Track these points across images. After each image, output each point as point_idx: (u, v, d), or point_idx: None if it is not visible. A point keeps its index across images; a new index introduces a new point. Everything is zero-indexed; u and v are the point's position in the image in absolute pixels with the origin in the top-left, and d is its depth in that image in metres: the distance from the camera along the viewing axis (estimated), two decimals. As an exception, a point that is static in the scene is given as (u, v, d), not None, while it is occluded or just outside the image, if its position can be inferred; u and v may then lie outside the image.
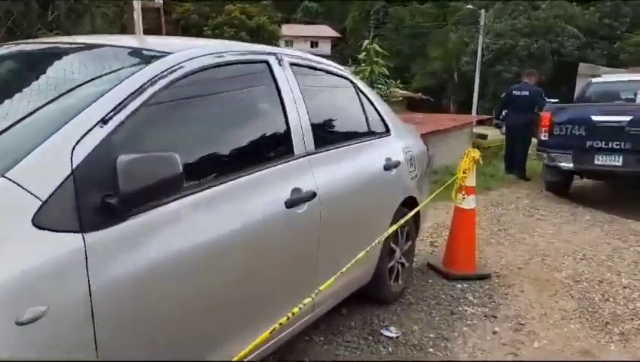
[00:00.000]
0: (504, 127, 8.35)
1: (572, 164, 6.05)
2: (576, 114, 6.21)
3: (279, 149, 2.08)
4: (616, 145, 5.73)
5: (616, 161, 5.79)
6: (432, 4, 45.70)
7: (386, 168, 2.78)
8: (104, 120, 1.40)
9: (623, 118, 5.71)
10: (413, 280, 3.47)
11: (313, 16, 52.21)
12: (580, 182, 7.23)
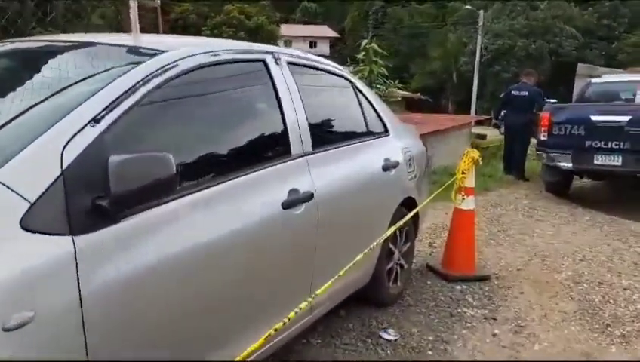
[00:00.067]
0: (503, 127, 8.33)
1: (571, 163, 6.04)
2: (576, 114, 6.20)
3: (276, 149, 2.04)
4: (616, 145, 5.71)
5: (616, 161, 5.78)
6: (430, 5, 45.75)
7: (385, 169, 2.75)
8: (96, 119, 1.36)
9: (622, 117, 5.69)
10: (412, 281, 3.44)
11: (312, 16, 52.22)
12: (579, 182, 7.21)
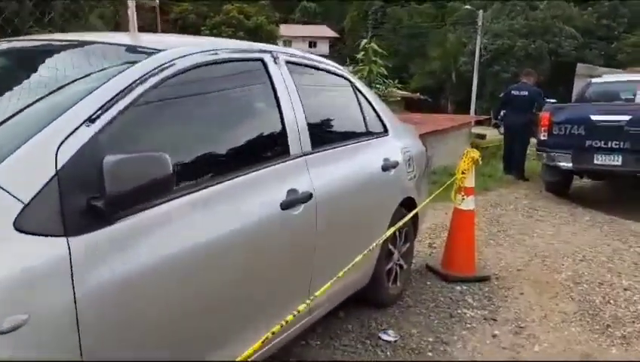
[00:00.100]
0: (502, 127, 8.31)
1: (571, 163, 6.03)
2: (576, 113, 6.19)
3: (274, 149, 2.02)
4: (616, 144, 5.71)
5: (616, 161, 5.77)
6: (430, 5, 45.75)
7: (384, 169, 2.73)
8: (91, 119, 1.34)
9: (622, 117, 5.69)
10: (412, 282, 3.42)
11: (311, 16, 52.19)
12: (579, 182, 7.20)
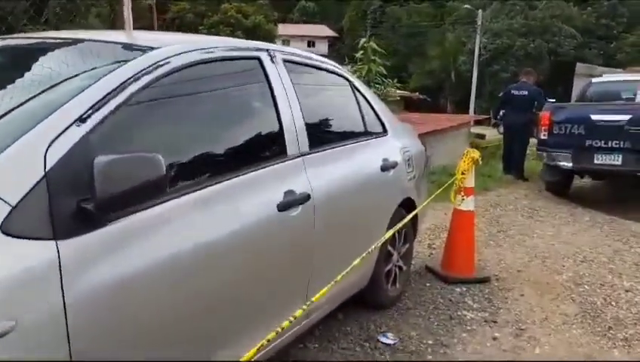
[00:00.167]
0: (502, 127, 8.28)
1: (571, 163, 6.01)
2: (576, 113, 6.17)
3: (271, 150, 1.99)
4: (616, 144, 5.69)
5: (616, 160, 5.75)
6: (429, 4, 45.66)
7: (383, 169, 2.70)
8: (82, 118, 1.30)
9: (622, 117, 5.67)
10: (411, 283, 3.39)
11: (310, 15, 52.10)
12: (579, 182, 7.17)
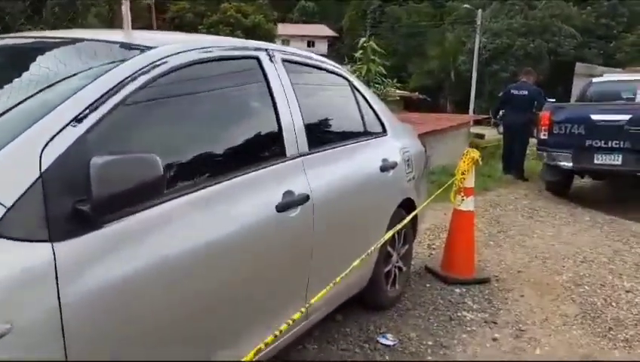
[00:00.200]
0: (501, 127, 8.26)
1: (571, 163, 6.00)
2: (576, 113, 6.16)
3: (270, 150, 1.97)
4: (616, 144, 5.68)
5: (616, 160, 5.74)
6: (428, 4, 45.65)
7: (383, 169, 2.68)
8: (78, 118, 1.29)
9: (622, 117, 5.66)
10: (411, 284, 3.38)
11: (310, 15, 52.07)
12: (579, 182, 7.16)
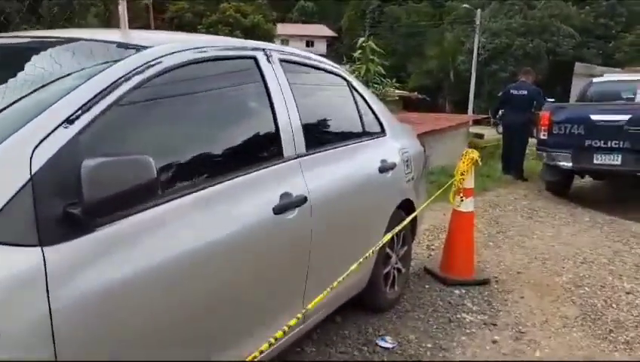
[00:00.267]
0: (501, 127, 8.23)
1: (571, 163, 5.99)
2: (575, 113, 6.15)
3: (267, 151, 1.95)
4: (615, 144, 5.67)
5: (615, 160, 5.73)
6: (427, 3, 45.61)
7: (382, 170, 2.66)
8: (70, 119, 1.26)
9: (622, 117, 5.65)
10: (410, 285, 3.35)
11: (309, 15, 52.02)
12: (579, 182, 7.14)
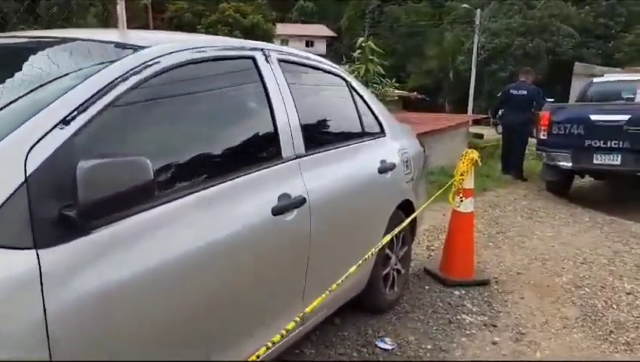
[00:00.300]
0: (500, 127, 8.22)
1: (571, 163, 5.99)
2: (575, 113, 6.15)
3: (266, 152, 1.93)
4: (615, 144, 5.67)
5: (615, 160, 5.73)
6: (427, 3, 45.58)
7: (381, 171, 2.64)
8: (65, 120, 1.25)
9: (622, 117, 5.64)
10: (409, 286, 3.34)
11: (308, 15, 51.99)
12: (579, 182, 7.13)
